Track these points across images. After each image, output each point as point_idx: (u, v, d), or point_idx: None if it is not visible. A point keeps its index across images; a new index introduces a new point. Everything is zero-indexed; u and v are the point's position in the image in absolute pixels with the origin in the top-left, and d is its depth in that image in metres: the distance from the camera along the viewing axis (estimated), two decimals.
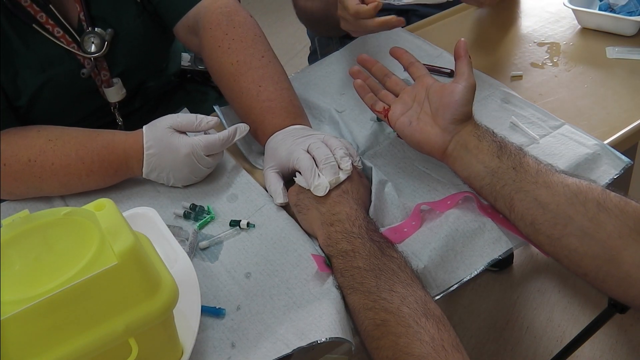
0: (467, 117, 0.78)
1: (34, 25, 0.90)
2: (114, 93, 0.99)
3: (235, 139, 0.84)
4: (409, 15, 1.33)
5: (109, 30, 0.95)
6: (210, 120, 0.84)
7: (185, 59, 1.18)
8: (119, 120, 1.04)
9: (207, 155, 0.83)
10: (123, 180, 0.87)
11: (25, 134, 0.86)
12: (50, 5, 0.91)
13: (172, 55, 1.13)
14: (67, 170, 0.83)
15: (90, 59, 0.95)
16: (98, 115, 1.02)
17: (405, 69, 0.86)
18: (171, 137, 0.82)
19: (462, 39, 0.81)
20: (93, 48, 0.94)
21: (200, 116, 0.84)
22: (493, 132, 0.78)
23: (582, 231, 0.66)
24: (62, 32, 0.92)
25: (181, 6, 0.97)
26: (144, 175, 0.85)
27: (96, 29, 0.95)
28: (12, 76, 0.89)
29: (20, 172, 0.83)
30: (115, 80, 0.99)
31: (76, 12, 0.94)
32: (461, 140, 0.77)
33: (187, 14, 0.97)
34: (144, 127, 0.85)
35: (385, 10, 1.32)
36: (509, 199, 0.72)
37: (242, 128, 0.85)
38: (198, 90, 1.20)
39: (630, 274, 0.64)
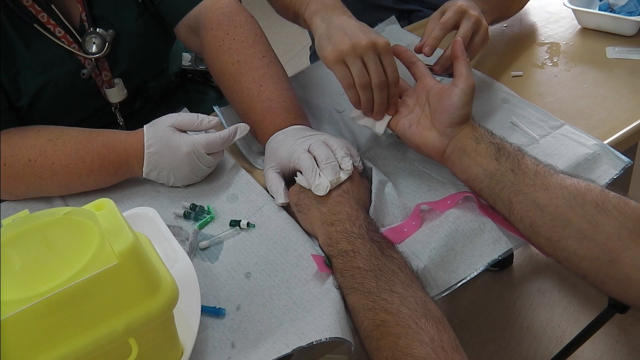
0: (464, 120, 0.77)
1: (35, 25, 0.90)
2: (115, 93, 0.99)
3: (236, 138, 0.85)
4: (411, 16, 1.33)
5: (110, 31, 0.95)
6: (211, 119, 0.84)
7: (186, 58, 1.18)
8: (120, 120, 1.04)
9: (208, 154, 0.83)
10: (123, 180, 0.87)
11: (25, 134, 0.86)
12: (52, 5, 0.91)
13: (173, 55, 1.13)
14: (68, 170, 0.83)
15: (91, 59, 0.95)
16: (99, 116, 1.02)
17: (407, 68, 0.86)
18: (172, 135, 0.83)
19: (459, 38, 0.81)
20: (94, 49, 0.94)
21: (201, 115, 0.84)
22: (491, 133, 0.77)
23: (581, 233, 0.66)
24: (63, 32, 0.92)
25: (182, 6, 0.97)
26: (144, 175, 0.85)
27: (98, 29, 0.95)
28: (13, 76, 0.89)
29: (21, 172, 0.83)
30: (116, 80, 0.99)
31: (78, 13, 0.94)
32: (459, 144, 0.77)
33: (189, 14, 0.97)
34: (145, 126, 0.85)
35: (385, 8, 1.33)
36: (508, 201, 0.72)
37: (243, 127, 0.85)
38: (198, 90, 1.20)
39: (630, 276, 0.63)
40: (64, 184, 0.85)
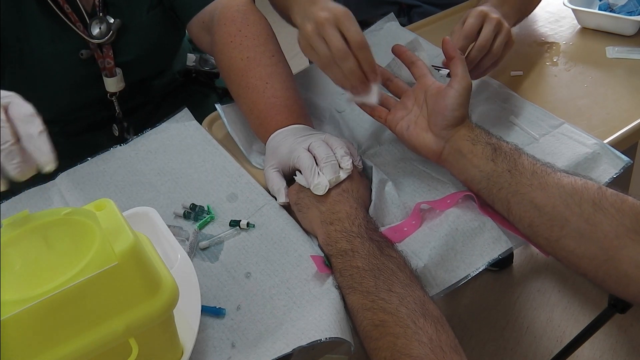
0: (459, 122, 0.77)
1: None
2: (113, 83, 1.00)
3: None
4: (411, 14, 1.33)
5: (117, 20, 0.97)
6: None
7: (191, 59, 1.19)
8: (119, 113, 1.04)
9: None
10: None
11: None
12: None
13: (178, 54, 1.14)
14: None
15: (93, 43, 0.96)
16: (99, 107, 1.03)
17: (407, 68, 0.86)
18: None
19: (447, 37, 0.80)
20: (96, 32, 0.96)
21: None
22: (488, 133, 0.77)
23: (579, 232, 0.66)
24: (70, 10, 0.94)
25: (199, 1, 0.98)
26: None
27: (107, 16, 0.96)
28: (22, 39, 0.91)
29: None
30: (117, 70, 1.00)
31: None
32: (455, 145, 0.77)
33: (204, 10, 0.97)
34: None
35: (386, 3, 1.33)
36: (506, 202, 0.72)
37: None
38: (201, 92, 1.20)
39: (629, 274, 0.64)
40: None
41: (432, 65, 1.00)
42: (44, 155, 0.61)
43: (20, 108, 0.63)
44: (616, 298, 1.15)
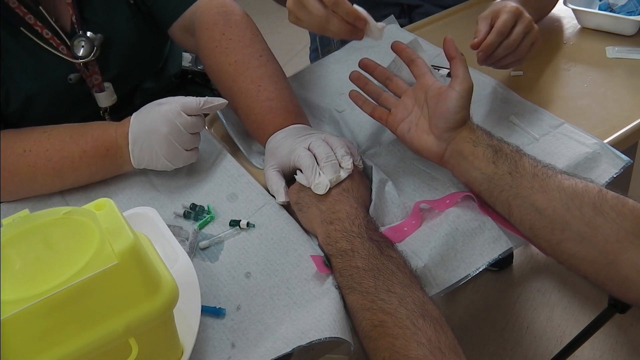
0: (461, 124, 0.77)
1: (22, 28, 0.89)
2: (105, 98, 0.99)
3: (212, 106, 0.84)
4: (413, 14, 1.33)
5: (99, 35, 0.94)
6: (215, 99, 0.84)
7: (187, 59, 1.18)
8: None
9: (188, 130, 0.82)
10: (115, 168, 0.86)
11: (20, 130, 0.86)
12: (41, 7, 0.90)
13: (173, 56, 1.13)
14: (61, 154, 0.83)
15: (79, 63, 0.94)
16: (93, 121, 1.02)
17: (407, 66, 0.86)
18: (155, 104, 0.84)
19: (448, 36, 0.80)
20: (82, 52, 0.93)
21: (203, 98, 0.84)
22: (489, 134, 0.77)
23: (580, 236, 0.66)
24: (50, 34, 0.91)
25: (177, 7, 0.96)
26: (130, 148, 0.83)
27: (88, 33, 0.94)
28: (3, 80, 0.89)
29: (15, 164, 0.83)
30: (106, 84, 0.98)
31: (69, 15, 0.93)
32: (456, 148, 0.76)
33: (183, 15, 0.96)
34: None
35: (387, 4, 1.33)
36: (507, 204, 0.72)
37: (222, 101, 0.85)
38: (197, 93, 1.19)
39: (629, 277, 0.63)
40: (57, 171, 0.83)
41: (432, 65, 1.01)
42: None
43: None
44: (616, 298, 1.15)
